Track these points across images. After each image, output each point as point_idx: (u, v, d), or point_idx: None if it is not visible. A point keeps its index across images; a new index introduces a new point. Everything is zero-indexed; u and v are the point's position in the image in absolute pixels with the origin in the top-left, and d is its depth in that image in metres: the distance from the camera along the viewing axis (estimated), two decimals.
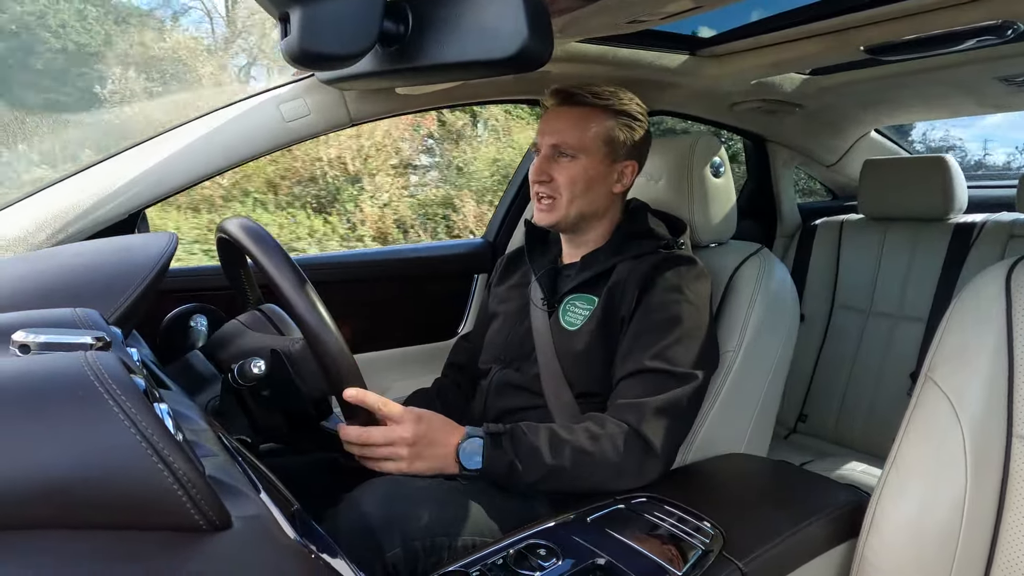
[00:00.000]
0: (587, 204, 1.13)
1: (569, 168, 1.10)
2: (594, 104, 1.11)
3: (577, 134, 1.10)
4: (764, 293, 1.17)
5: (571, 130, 1.10)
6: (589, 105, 1.11)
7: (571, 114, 1.12)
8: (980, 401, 0.78)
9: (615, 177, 1.14)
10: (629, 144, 1.14)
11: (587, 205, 1.13)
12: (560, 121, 1.12)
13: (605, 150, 1.11)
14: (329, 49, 0.60)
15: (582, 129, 1.10)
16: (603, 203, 1.15)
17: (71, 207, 1.11)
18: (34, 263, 0.78)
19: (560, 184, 1.11)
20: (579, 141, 1.10)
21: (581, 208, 1.13)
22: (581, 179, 1.11)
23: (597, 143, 1.11)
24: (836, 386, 1.96)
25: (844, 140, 2.24)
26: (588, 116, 1.11)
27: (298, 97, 1.26)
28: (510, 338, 1.20)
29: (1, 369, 0.40)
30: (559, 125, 1.12)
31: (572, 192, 1.11)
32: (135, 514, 0.37)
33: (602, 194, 1.14)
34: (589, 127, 1.10)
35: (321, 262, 1.77)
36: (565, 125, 1.11)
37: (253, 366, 0.96)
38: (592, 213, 1.14)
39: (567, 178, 1.10)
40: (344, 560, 0.55)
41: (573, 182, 1.10)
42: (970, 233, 1.78)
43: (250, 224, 0.91)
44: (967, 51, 1.37)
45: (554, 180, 1.11)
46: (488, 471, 0.93)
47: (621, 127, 1.12)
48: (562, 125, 1.11)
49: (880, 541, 0.84)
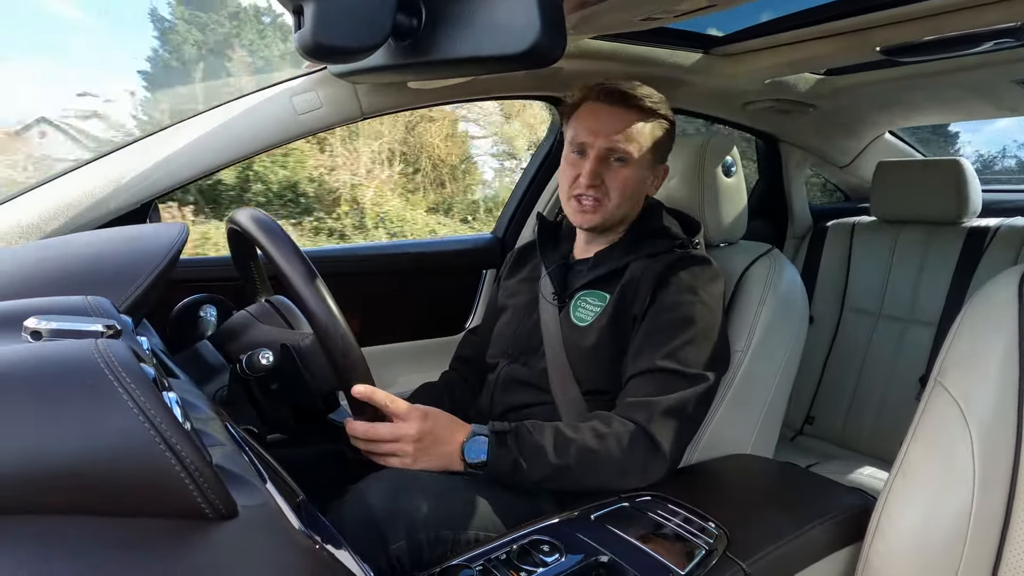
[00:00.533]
0: (631, 208, 1.13)
1: (622, 173, 1.09)
2: (643, 107, 1.09)
3: (634, 140, 1.08)
4: (774, 294, 1.17)
5: (627, 135, 1.08)
6: (639, 108, 1.09)
7: (624, 117, 1.08)
8: (990, 407, 0.77)
9: (650, 181, 1.14)
10: (667, 148, 1.14)
11: (631, 208, 1.13)
12: (614, 122, 1.08)
13: (652, 156, 1.11)
14: (342, 42, 0.60)
15: (638, 134, 1.08)
16: (639, 205, 1.15)
17: (84, 196, 1.12)
18: (47, 251, 0.79)
19: (611, 188, 1.09)
20: (637, 147, 1.08)
21: (625, 212, 1.12)
22: (631, 184, 1.10)
23: (649, 148, 1.10)
24: (844, 389, 1.95)
25: (858, 141, 2.22)
26: (641, 120, 1.09)
27: (311, 90, 1.26)
28: (518, 332, 1.20)
29: (13, 355, 0.40)
30: (614, 127, 1.08)
31: (622, 197, 1.10)
32: (142, 501, 0.37)
33: (642, 197, 1.14)
34: (643, 132, 1.09)
35: (330, 255, 1.77)
36: (620, 127, 1.08)
37: (261, 357, 0.96)
38: (630, 215, 1.14)
39: (620, 183, 1.09)
40: (348, 551, 0.55)
41: (625, 187, 1.09)
42: (983, 237, 1.77)
43: (261, 216, 0.92)
44: (984, 54, 1.35)
45: (604, 184, 1.09)
46: (493, 469, 0.93)
47: (664, 132, 1.12)
48: (617, 127, 1.08)
49: (885, 546, 0.83)
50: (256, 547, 0.38)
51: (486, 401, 1.19)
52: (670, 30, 1.44)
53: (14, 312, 0.52)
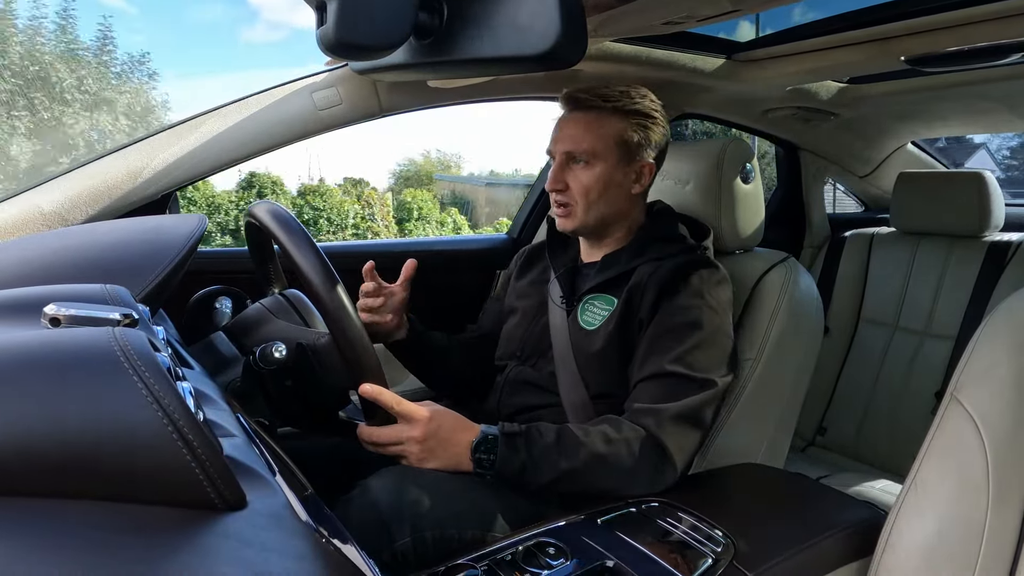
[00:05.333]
0: (606, 208, 1.12)
1: (583, 175, 1.10)
2: (602, 107, 1.09)
3: (589, 139, 1.09)
4: (788, 303, 1.16)
5: (582, 136, 1.09)
6: (598, 108, 1.10)
7: (582, 119, 1.10)
8: (1007, 424, 0.76)
9: (632, 178, 1.13)
10: (645, 143, 1.12)
11: (606, 209, 1.12)
12: (571, 127, 1.11)
13: (619, 152, 1.10)
14: (364, 39, 0.61)
15: (593, 134, 1.09)
16: (622, 205, 1.14)
17: (105, 186, 1.14)
18: (68, 239, 0.80)
19: (575, 191, 1.10)
20: (591, 146, 1.09)
21: (600, 212, 1.12)
22: (596, 185, 1.10)
23: (610, 146, 1.09)
24: (857, 401, 1.93)
25: (879, 151, 2.20)
26: (599, 120, 1.09)
27: (331, 86, 1.27)
28: (527, 334, 1.20)
29: (31, 341, 0.41)
30: (570, 131, 1.10)
31: (587, 199, 1.10)
32: (152, 489, 0.37)
33: (620, 197, 1.13)
34: (600, 131, 1.09)
35: (345, 251, 1.78)
36: (576, 131, 1.10)
37: (275, 350, 0.97)
38: (612, 216, 1.14)
39: (581, 185, 1.10)
40: (354, 546, 0.56)
41: (588, 189, 1.10)
42: (1005, 252, 1.74)
43: (280, 211, 0.92)
44: (1011, 65, 1.33)
45: (569, 188, 1.11)
46: (501, 470, 0.93)
47: (634, 127, 1.10)
48: (573, 131, 1.10)
49: (895, 561, 0.82)
50: (263, 538, 0.38)
51: (494, 402, 1.19)
52: (692, 35, 1.43)
53: (35, 298, 0.52)
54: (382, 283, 1.17)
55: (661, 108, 1.15)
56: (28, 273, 0.68)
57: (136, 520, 0.36)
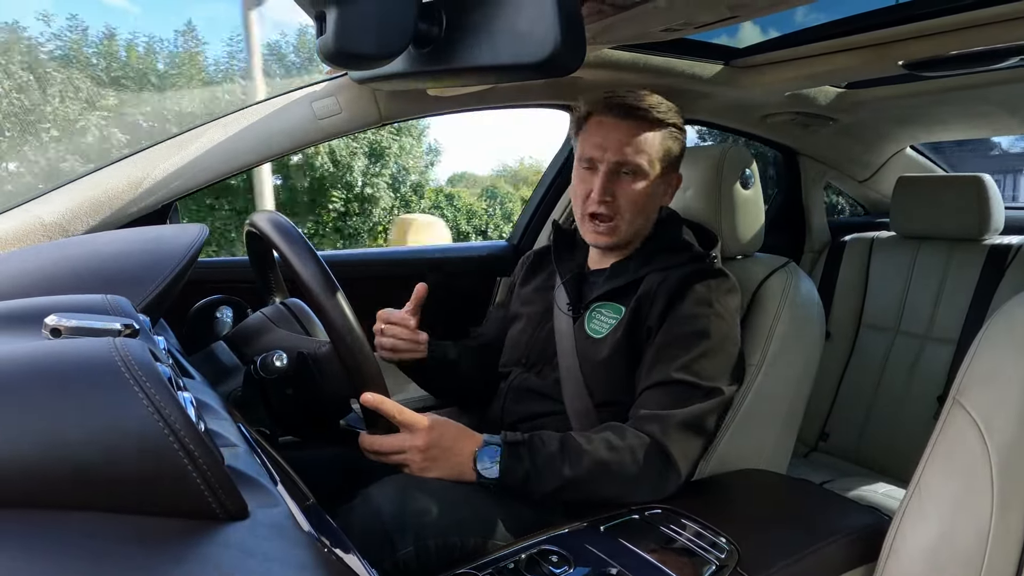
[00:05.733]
0: (644, 222, 1.12)
1: (632, 187, 1.07)
2: (650, 118, 1.07)
3: (644, 152, 1.07)
4: (790, 308, 1.16)
5: (636, 147, 1.06)
6: (647, 120, 1.07)
7: (632, 129, 1.07)
8: (1010, 428, 0.76)
9: (663, 191, 1.13)
10: (680, 156, 1.13)
11: (644, 222, 1.12)
12: (621, 135, 1.07)
13: (662, 166, 1.09)
14: (363, 49, 0.61)
15: (647, 146, 1.07)
16: (653, 218, 1.14)
17: (106, 196, 1.14)
18: (68, 249, 0.80)
19: (622, 204, 1.08)
20: (648, 159, 1.07)
21: (638, 227, 1.11)
22: (643, 199, 1.08)
23: (657, 160, 1.08)
24: (860, 405, 1.93)
25: (878, 156, 2.20)
26: (649, 131, 1.07)
27: (331, 95, 1.27)
28: (532, 341, 1.19)
29: (32, 351, 0.41)
30: (621, 140, 1.06)
31: (634, 212, 1.08)
32: (153, 499, 0.37)
33: (654, 210, 1.13)
34: (651, 144, 1.07)
35: (345, 259, 1.78)
36: (628, 140, 1.06)
37: (276, 359, 0.97)
38: (644, 229, 1.13)
39: (630, 199, 1.07)
40: (356, 556, 0.55)
41: (636, 202, 1.08)
42: (1005, 255, 1.74)
43: (280, 220, 0.92)
44: (1010, 69, 1.33)
45: (616, 199, 1.08)
46: (505, 480, 0.92)
47: (675, 142, 1.10)
48: (625, 140, 1.06)
49: (899, 567, 0.82)
50: (265, 548, 0.38)
51: (497, 409, 1.18)
52: (690, 41, 1.44)
53: (35, 309, 0.52)
54: (408, 317, 1.18)
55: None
56: (29, 284, 0.68)
57: (138, 530, 0.36)
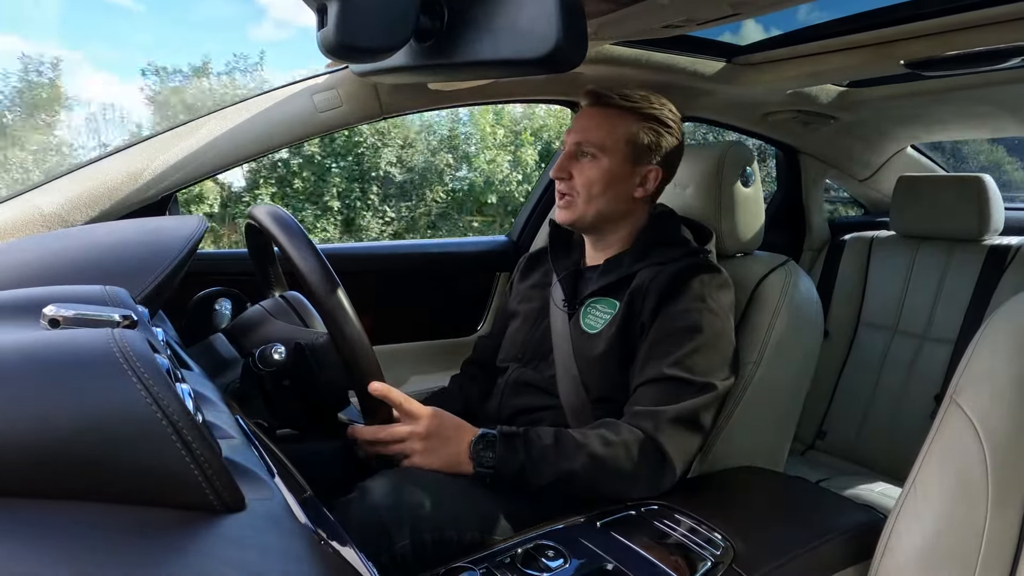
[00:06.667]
0: (605, 205, 1.12)
1: (589, 167, 1.11)
2: (621, 106, 1.11)
3: (601, 134, 1.10)
4: (788, 306, 1.16)
5: (595, 129, 1.11)
6: (617, 107, 1.11)
7: (599, 114, 1.12)
8: (1006, 427, 0.76)
9: (637, 181, 1.13)
10: (654, 149, 1.12)
11: (605, 206, 1.12)
12: (586, 120, 1.13)
13: (626, 151, 1.11)
14: (365, 42, 0.61)
15: (606, 129, 1.10)
16: (623, 206, 1.14)
17: (105, 187, 1.14)
18: (67, 240, 0.80)
19: (578, 183, 1.12)
20: (601, 141, 1.10)
21: (599, 208, 1.12)
22: (599, 180, 1.10)
23: (619, 144, 1.10)
24: (857, 404, 1.93)
25: (879, 155, 2.20)
26: (615, 117, 1.11)
27: (332, 88, 1.27)
28: (529, 337, 1.20)
29: (31, 342, 0.41)
30: (585, 124, 1.12)
31: (589, 192, 1.11)
32: (151, 490, 0.37)
33: (622, 197, 1.13)
34: (614, 128, 1.10)
35: (345, 252, 1.78)
36: (591, 124, 1.12)
37: (274, 352, 0.97)
38: (611, 215, 1.14)
39: (585, 178, 1.11)
40: (353, 548, 0.56)
41: (591, 182, 1.11)
42: (1005, 256, 1.74)
43: (280, 212, 0.92)
44: (1012, 70, 1.33)
45: (573, 179, 1.12)
46: (500, 472, 0.93)
47: (647, 131, 1.11)
48: (588, 124, 1.12)
49: (894, 565, 0.82)
50: (262, 540, 0.38)
51: (494, 403, 1.19)
52: (692, 38, 1.43)
53: (34, 300, 0.52)
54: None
55: (679, 121, 1.16)
56: (28, 274, 0.68)
57: (135, 521, 0.36)
